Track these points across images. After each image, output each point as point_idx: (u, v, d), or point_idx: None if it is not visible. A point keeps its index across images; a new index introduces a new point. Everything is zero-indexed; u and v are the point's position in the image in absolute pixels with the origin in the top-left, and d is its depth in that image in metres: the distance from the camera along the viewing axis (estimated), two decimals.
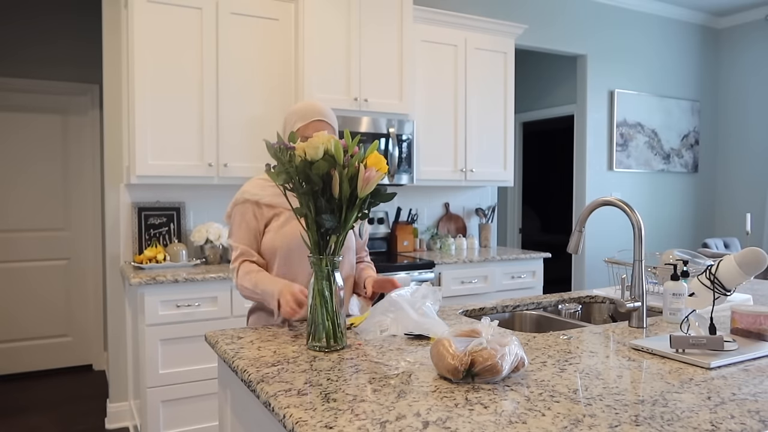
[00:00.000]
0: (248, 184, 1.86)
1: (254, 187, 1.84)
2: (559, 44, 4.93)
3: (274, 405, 1.12)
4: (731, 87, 5.90)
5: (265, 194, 1.81)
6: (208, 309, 2.92)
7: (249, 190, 1.83)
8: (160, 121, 3.08)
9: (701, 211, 5.96)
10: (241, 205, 1.82)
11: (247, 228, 1.82)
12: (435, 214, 4.37)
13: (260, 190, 1.83)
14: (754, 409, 1.08)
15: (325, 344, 1.47)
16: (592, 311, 2.34)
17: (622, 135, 5.32)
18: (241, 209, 1.82)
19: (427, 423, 1.01)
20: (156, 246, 3.23)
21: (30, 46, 4.30)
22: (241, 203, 1.82)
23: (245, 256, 1.81)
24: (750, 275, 1.65)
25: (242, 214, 1.82)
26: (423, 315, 1.60)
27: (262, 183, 1.85)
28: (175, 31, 3.11)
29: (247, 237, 1.82)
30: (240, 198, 1.83)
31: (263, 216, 1.82)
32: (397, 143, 3.63)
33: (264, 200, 1.81)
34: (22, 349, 4.34)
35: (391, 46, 3.63)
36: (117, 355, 3.40)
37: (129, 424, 3.38)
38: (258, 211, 1.82)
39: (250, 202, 1.81)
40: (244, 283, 1.76)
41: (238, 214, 1.83)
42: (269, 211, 1.82)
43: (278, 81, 3.39)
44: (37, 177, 4.36)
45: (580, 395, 1.15)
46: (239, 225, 1.82)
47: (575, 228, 1.87)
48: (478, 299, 3.70)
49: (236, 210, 1.83)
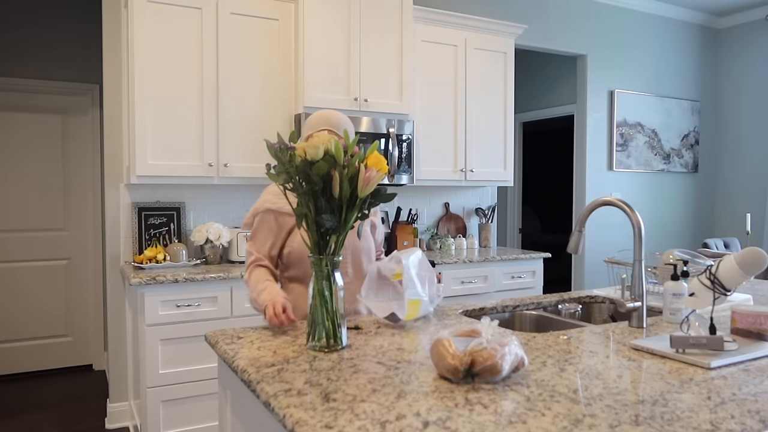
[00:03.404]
0: (268, 193, 1.92)
1: (274, 195, 1.90)
2: (559, 44, 4.93)
3: (274, 405, 1.12)
4: (731, 87, 5.90)
5: (285, 202, 1.84)
6: (208, 309, 2.92)
7: (270, 199, 1.90)
8: (160, 121, 3.08)
9: (701, 211, 5.96)
10: (262, 214, 1.90)
11: (265, 237, 1.90)
12: (435, 214, 4.37)
13: (281, 198, 1.87)
14: (754, 409, 1.08)
15: (325, 344, 1.47)
16: (592, 311, 2.34)
17: (622, 135, 5.32)
18: (262, 218, 1.90)
19: (427, 423, 1.01)
20: (156, 246, 3.24)
21: (30, 46, 4.30)
22: (262, 212, 1.90)
23: (258, 262, 1.89)
24: (750, 275, 1.66)
25: (262, 223, 1.90)
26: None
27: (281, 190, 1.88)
28: (175, 31, 3.11)
29: (264, 245, 1.89)
30: (261, 207, 1.90)
31: (286, 223, 1.89)
32: (397, 143, 3.64)
33: (285, 209, 1.86)
34: (22, 349, 4.34)
35: (391, 46, 3.63)
36: (117, 355, 3.40)
37: (129, 424, 3.39)
38: (280, 219, 1.89)
39: (271, 211, 1.89)
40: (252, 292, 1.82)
41: (258, 223, 1.91)
42: (291, 220, 1.88)
43: (278, 81, 3.39)
44: (37, 177, 4.36)
45: (580, 395, 1.15)
46: (258, 233, 1.91)
47: (575, 228, 1.87)
48: (478, 299, 3.70)
49: (257, 219, 1.91)
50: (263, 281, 1.82)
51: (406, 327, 1.74)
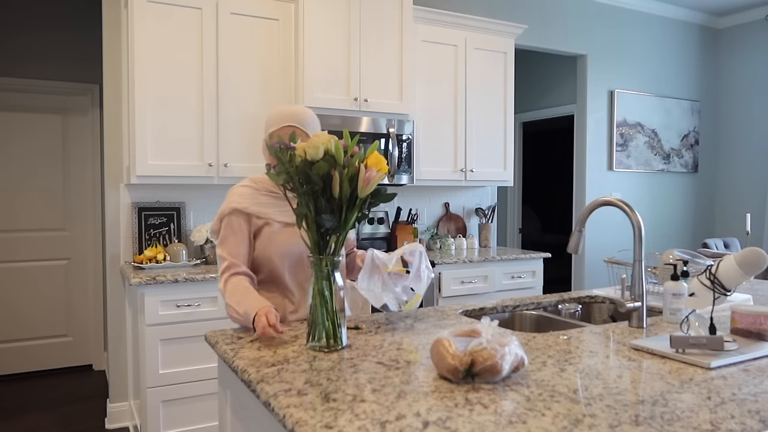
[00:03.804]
0: (233, 195, 1.83)
1: (239, 196, 1.82)
2: (559, 44, 4.93)
3: (274, 405, 1.12)
4: (731, 87, 5.90)
5: (251, 203, 1.81)
6: (208, 309, 2.92)
7: (235, 200, 1.81)
8: (160, 121, 3.08)
9: (701, 211, 5.96)
10: (229, 216, 1.80)
11: (237, 239, 1.79)
12: (435, 214, 4.37)
13: (246, 199, 1.81)
14: (754, 409, 1.08)
15: (325, 344, 1.47)
16: (592, 311, 2.34)
17: (622, 135, 5.33)
18: (230, 220, 1.80)
19: (427, 423, 1.01)
20: (156, 246, 3.24)
21: (30, 46, 4.30)
22: (228, 214, 1.80)
23: (233, 269, 1.77)
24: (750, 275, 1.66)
25: (231, 225, 1.80)
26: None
27: (246, 191, 1.84)
28: (175, 31, 3.11)
29: (237, 248, 1.79)
30: (227, 209, 1.80)
31: (254, 225, 1.82)
32: (397, 143, 3.63)
33: (252, 209, 1.80)
34: (22, 349, 4.34)
35: (391, 46, 3.63)
36: (117, 355, 3.40)
37: (129, 424, 3.39)
38: (248, 220, 1.81)
39: (239, 212, 1.80)
40: (230, 301, 1.70)
41: (227, 226, 1.80)
42: (258, 221, 1.81)
43: (278, 81, 3.39)
44: (38, 177, 4.36)
45: (580, 395, 1.15)
46: (229, 236, 1.80)
47: (575, 228, 1.87)
48: (478, 299, 3.70)
49: (225, 221, 1.81)
50: (242, 288, 1.71)
51: (405, 327, 1.75)
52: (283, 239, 1.81)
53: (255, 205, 1.81)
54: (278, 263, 1.81)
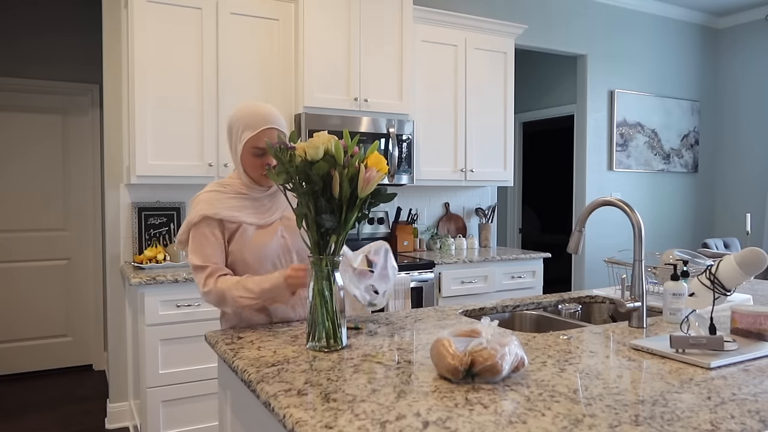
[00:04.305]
0: (200, 202, 1.76)
1: (207, 203, 1.75)
2: (559, 44, 4.93)
3: (274, 405, 1.12)
4: (731, 87, 5.90)
5: (222, 207, 1.74)
6: (208, 309, 2.91)
7: (204, 207, 1.74)
8: (160, 121, 3.08)
9: (701, 211, 5.96)
10: (199, 224, 1.73)
11: (212, 246, 1.73)
12: (435, 214, 4.37)
13: (215, 204, 1.75)
14: (754, 409, 1.08)
15: (325, 344, 1.47)
16: (592, 311, 2.34)
17: (622, 135, 5.33)
18: (200, 229, 1.73)
19: (427, 423, 1.01)
20: (156, 246, 3.24)
21: (30, 46, 4.30)
22: (198, 223, 1.73)
23: (218, 272, 1.72)
24: (750, 275, 1.66)
25: (203, 234, 1.73)
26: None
27: (214, 197, 1.77)
28: (175, 31, 3.11)
29: (213, 255, 1.73)
30: (195, 218, 1.73)
31: (227, 229, 1.76)
32: (397, 143, 3.64)
33: (223, 214, 1.74)
34: (22, 349, 4.34)
35: (391, 46, 3.63)
36: (117, 355, 3.40)
37: (129, 424, 3.38)
38: (220, 226, 1.75)
39: (209, 219, 1.73)
40: (241, 293, 1.66)
41: (199, 235, 1.73)
42: (231, 225, 1.76)
43: (278, 81, 3.39)
44: (37, 177, 4.36)
45: (580, 395, 1.15)
46: (203, 244, 1.73)
47: (575, 228, 1.87)
48: (478, 299, 3.70)
49: (196, 230, 1.74)
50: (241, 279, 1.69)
51: (405, 327, 1.75)
52: (257, 240, 1.76)
53: (226, 209, 1.75)
54: (254, 265, 1.76)
